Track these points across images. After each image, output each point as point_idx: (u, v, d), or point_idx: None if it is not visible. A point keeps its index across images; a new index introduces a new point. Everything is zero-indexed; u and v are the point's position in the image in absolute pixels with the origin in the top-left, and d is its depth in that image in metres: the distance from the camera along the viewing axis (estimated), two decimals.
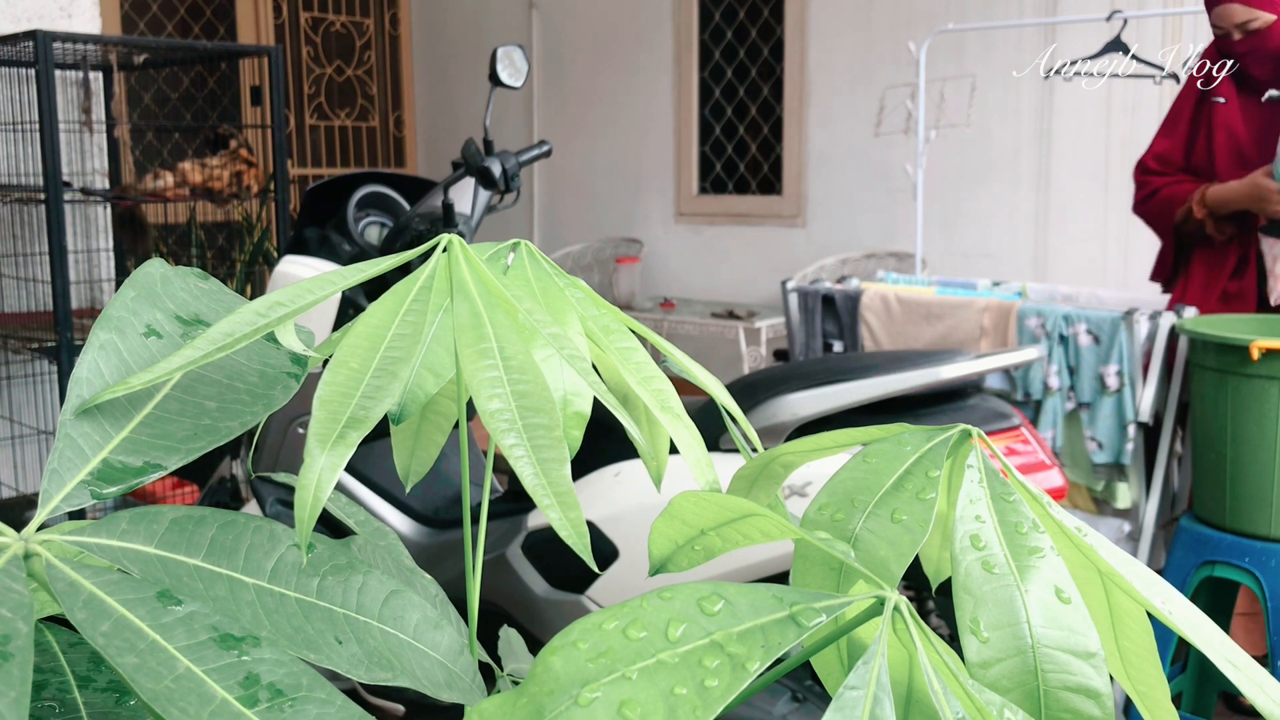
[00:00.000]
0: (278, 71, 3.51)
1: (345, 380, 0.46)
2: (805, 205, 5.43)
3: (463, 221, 2.31)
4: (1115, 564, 0.45)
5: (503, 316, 0.49)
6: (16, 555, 0.40)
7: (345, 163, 6.70)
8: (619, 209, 6.09)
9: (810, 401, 2.02)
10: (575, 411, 0.56)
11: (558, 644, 0.39)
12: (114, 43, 3.55)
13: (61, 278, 3.14)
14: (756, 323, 4.89)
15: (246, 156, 3.57)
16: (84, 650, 0.47)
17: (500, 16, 6.46)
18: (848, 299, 3.07)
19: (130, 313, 0.52)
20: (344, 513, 0.62)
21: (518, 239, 0.59)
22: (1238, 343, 2.24)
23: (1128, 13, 3.40)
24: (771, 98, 5.56)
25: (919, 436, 0.49)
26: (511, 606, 2.23)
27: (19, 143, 3.46)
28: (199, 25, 6.02)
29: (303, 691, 0.38)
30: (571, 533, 0.45)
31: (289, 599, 0.43)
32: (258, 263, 4.28)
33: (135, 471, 0.46)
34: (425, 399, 0.50)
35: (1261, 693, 0.42)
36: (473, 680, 0.47)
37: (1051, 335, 2.74)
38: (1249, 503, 2.29)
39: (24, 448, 3.69)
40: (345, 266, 0.53)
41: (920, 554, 0.53)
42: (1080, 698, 0.41)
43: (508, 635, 0.70)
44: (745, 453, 0.58)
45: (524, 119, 6.39)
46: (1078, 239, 4.66)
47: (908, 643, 0.41)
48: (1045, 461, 2.06)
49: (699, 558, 0.49)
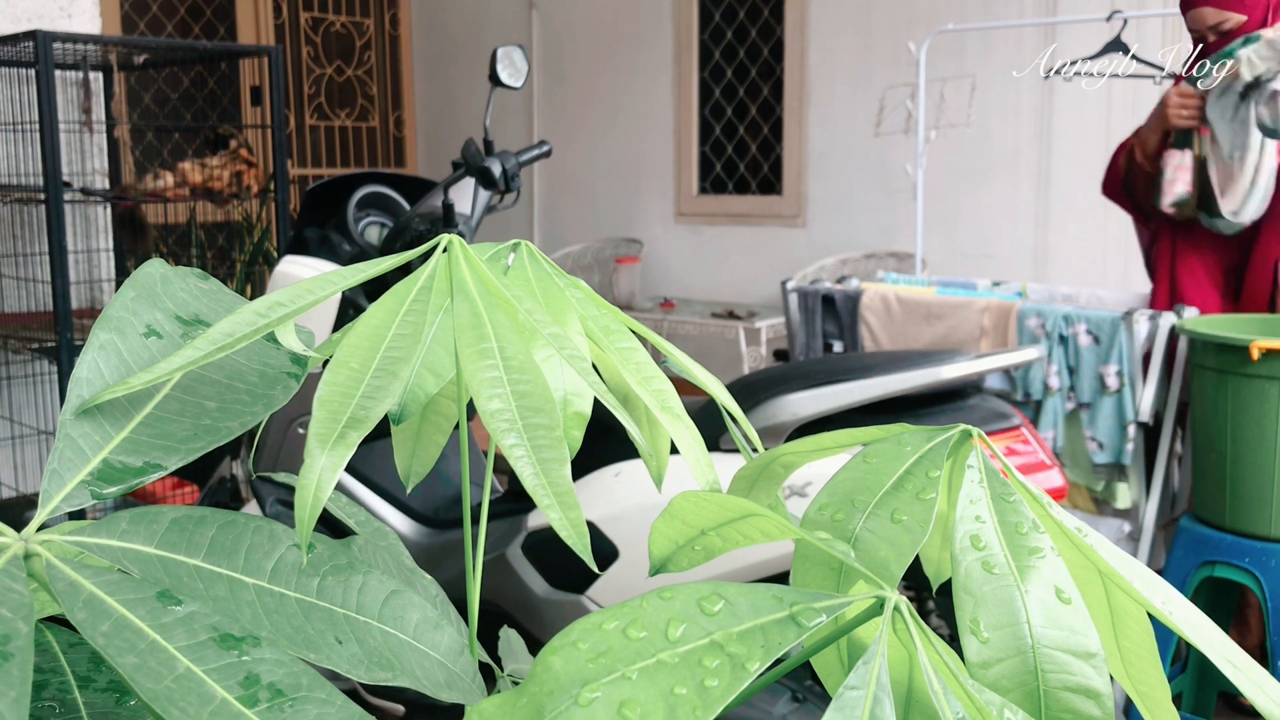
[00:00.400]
0: (278, 71, 3.51)
1: (345, 380, 0.46)
2: (805, 205, 5.43)
3: (463, 221, 2.31)
4: (1115, 564, 0.45)
5: (503, 316, 0.49)
6: (16, 555, 0.40)
7: (345, 163, 6.70)
8: (619, 209, 6.09)
9: (810, 401, 2.02)
10: (575, 411, 0.56)
11: (558, 644, 0.39)
12: (114, 43, 3.55)
13: (61, 278, 3.14)
14: (756, 323, 4.89)
15: (246, 156, 3.57)
16: (84, 650, 0.47)
17: (500, 16, 6.46)
18: (848, 299, 3.07)
19: (130, 313, 0.52)
20: (344, 513, 0.62)
21: (518, 239, 0.59)
22: (1238, 343, 2.24)
23: (1128, 13, 3.40)
24: (771, 98, 5.56)
25: (919, 437, 0.49)
26: (511, 606, 2.23)
27: (19, 143, 3.46)
28: (199, 25, 6.02)
29: (303, 691, 0.38)
30: (571, 533, 0.45)
31: (289, 599, 0.43)
32: (258, 263, 4.28)
33: (135, 471, 0.46)
34: (425, 399, 0.50)
35: (1261, 693, 0.42)
36: (473, 680, 0.47)
37: (1051, 335, 2.74)
38: (1249, 503, 2.29)
39: (24, 448, 3.69)
40: (345, 266, 0.53)
41: (920, 554, 0.53)
42: (1080, 698, 0.41)
43: (508, 635, 0.70)
44: (745, 453, 0.58)
45: (524, 119, 6.39)
46: (1078, 239, 4.66)
47: (908, 643, 0.41)
48: (1045, 461, 2.06)
49: (699, 558, 0.49)
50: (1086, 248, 4.63)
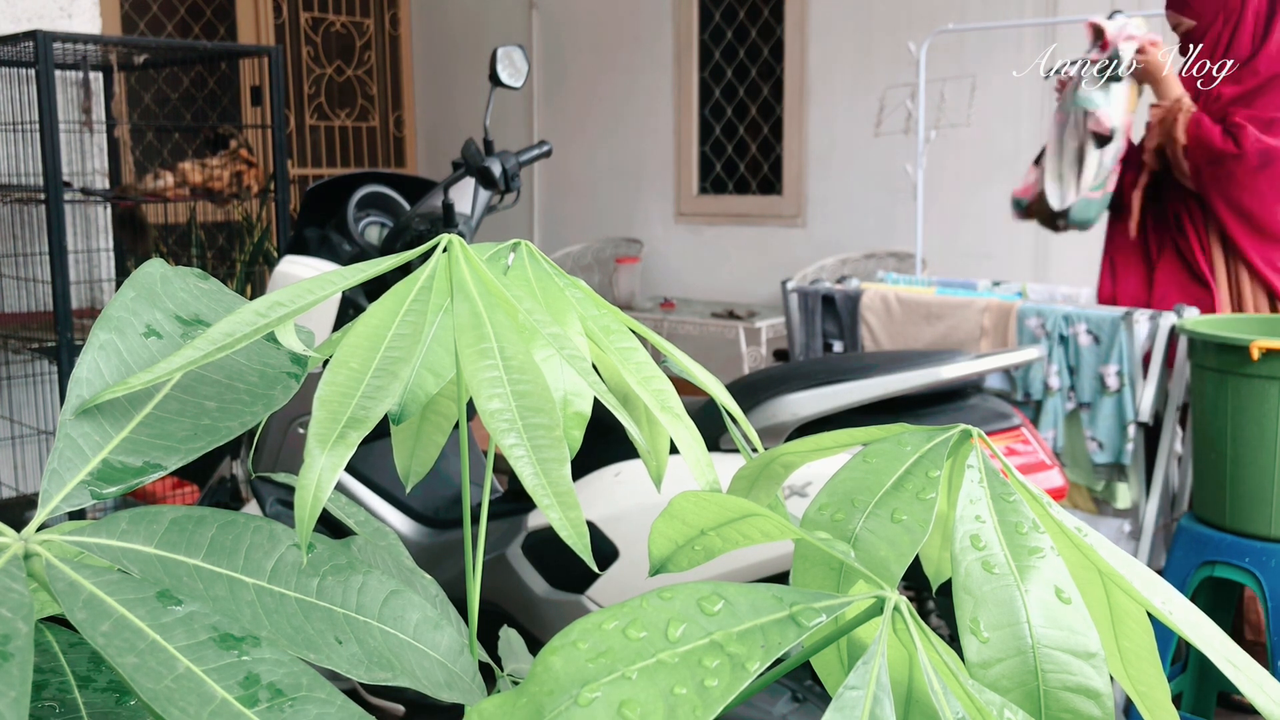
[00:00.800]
0: (278, 71, 3.51)
1: (345, 380, 0.46)
2: (805, 205, 5.43)
3: (463, 221, 2.31)
4: (1115, 564, 0.45)
5: (503, 316, 0.49)
6: (16, 555, 0.40)
7: (345, 163, 6.70)
8: (619, 209, 6.09)
9: (810, 401, 2.02)
10: (575, 411, 0.56)
11: (558, 644, 0.39)
12: (114, 43, 3.55)
13: (61, 278, 3.14)
14: (756, 323, 4.89)
15: (246, 156, 3.57)
16: (84, 650, 0.47)
17: (500, 16, 6.46)
18: (848, 299, 3.07)
19: (130, 313, 0.52)
20: (344, 513, 0.62)
21: (518, 239, 0.59)
22: (1238, 343, 2.24)
23: (1128, 13, 3.40)
24: (771, 98, 5.56)
25: (919, 436, 0.49)
26: (511, 606, 2.23)
27: (19, 143, 3.46)
28: (199, 25, 6.02)
29: (303, 691, 0.38)
30: (571, 533, 0.45)
31: (289, 599, 0.43)
32: (258, 263, 4.28)
33: (135, 471, 0.46)
34: (425, 399, 0.50)
35: (1261, 693, 0.42)
36: (473, 680, 0.47)
37: (1051, 335, 2.74)
38: (1249, 503, 2.29)
39: (24, 448, 3.69)
40: (345, 266, 0.53)
41: (920, 554, 0.53)
42: (1080, 698, 0.41)
43: (508, 635, 0.70)
44: (745, 453, 0.58)
45: (524, 119, 6.38)
46: (1078, 239, 4.65)
47: (908, 643, 0.41)
48: (1045, 461, 2.06)
49: (699, 558, 0.49)
50: (1086, 248, 4.63)
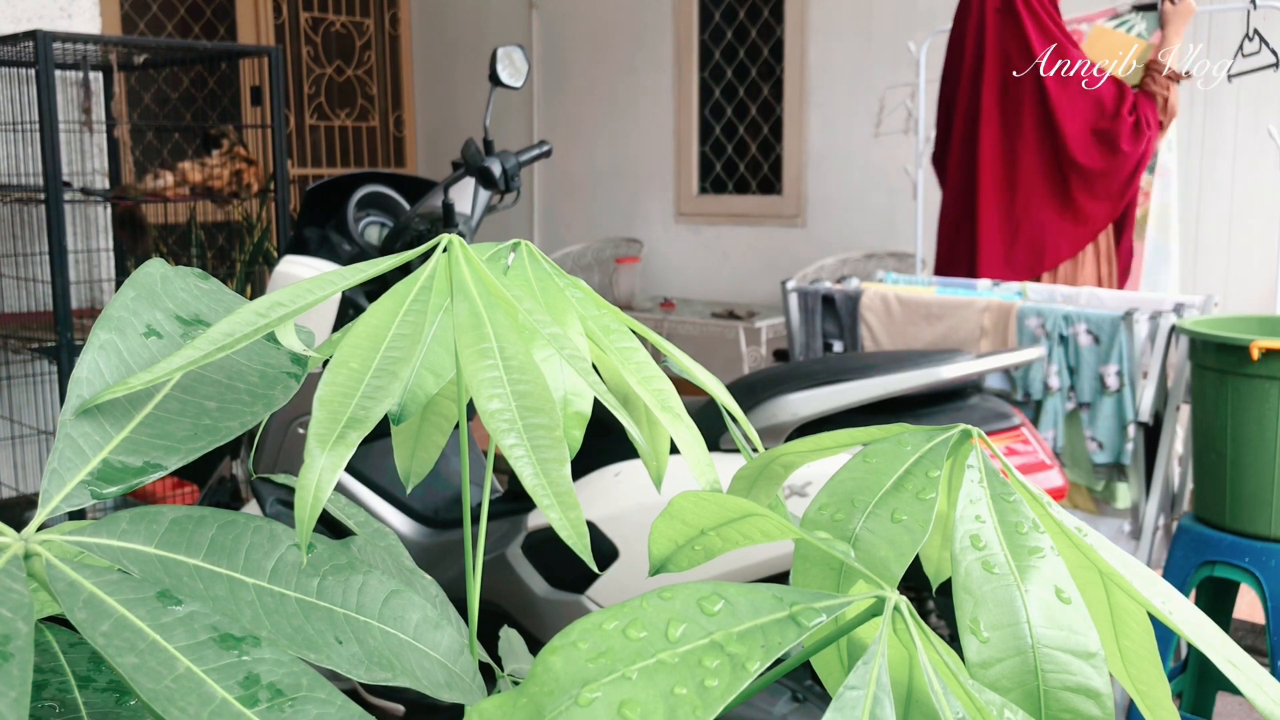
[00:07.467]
0: (278, 71, 3.51)
1: (345, 380, 0.46)
2: (805, 205, 5.43)
3: (463, 221, 2.31)
4: (1115, 564, 0.45)
5: (503, 316, 0.49)
6: (16, 555, 0.40)
7: (345, 163, 6.70)
8: (619, 209, 6.09)
9: (810, 401, 2.02)
10: (575, 411, 0.56)
11: (558, 644, 0.39)
12: (114, 43, 3.55)
13: (61, 278, 3.14)
14: (756, 323, 4.89)
15: (243, 154, 3.57)
16: (84, 650, 0.47)
17: (500, 16, 6.46)
18: (848, 299, 3.07)
19: (130, 313, 0.52)
20: (344, 513, 0.62)
21: (518, 239, 0.59)
22: (1238, 343, 2.24)
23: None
24: (771, 98, 5.56)
25: (919, 437, 0.49)
26: (511, 606, 2.23)
27: (19, 143, 3.46)
28: (199, 25, 6.02)
29: (303, 691, 0.38)
30: (571, 533, 0.45)
31: (289, 599, 0.43)
32: (258, 263, 4.28)
33: (135, 471, 0.46)
34: (425, 399, 0.50)
35: (1261, 693, 0.42)
36: (473, 680, 0.47)
37: (1051, 335, 2.74)
38: (1249, 503, 2.29)
39: (24, 448, 3.69)
40: (345, 266, 0.53)
41: (920, 554, 0.53)
42: (1080, 698, 0.41)
43: (508, 635, 0.70)
44: (745, 453, 0.58)
45: (524, 119, 6.38)
46: None
47: (908, 643, 0.41)
48: (1045, 461, 2.06)
49: (699, 558, 0.49)
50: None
